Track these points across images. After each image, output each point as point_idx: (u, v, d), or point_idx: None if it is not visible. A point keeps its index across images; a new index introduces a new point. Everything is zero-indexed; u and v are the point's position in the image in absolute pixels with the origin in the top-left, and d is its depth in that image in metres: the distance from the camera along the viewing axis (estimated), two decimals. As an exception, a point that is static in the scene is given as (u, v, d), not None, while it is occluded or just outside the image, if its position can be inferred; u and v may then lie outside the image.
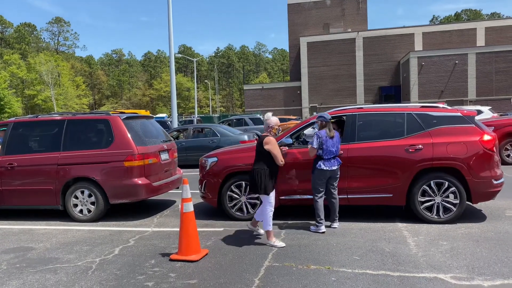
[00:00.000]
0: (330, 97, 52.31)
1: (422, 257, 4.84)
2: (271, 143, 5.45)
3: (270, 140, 5.47)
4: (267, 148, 5.44)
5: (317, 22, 56.85)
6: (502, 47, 43.80)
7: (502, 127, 12.04)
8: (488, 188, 6.10)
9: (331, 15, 56.71)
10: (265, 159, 5.49)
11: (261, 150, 5.52)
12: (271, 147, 5.43)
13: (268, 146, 5.43)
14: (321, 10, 56.88)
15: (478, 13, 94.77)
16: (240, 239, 5.83)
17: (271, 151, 5.43)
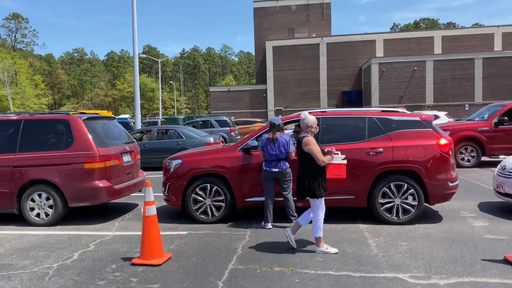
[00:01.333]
0: (295, 100, 52.95)
1: (383, 258, 4.97)
2: (311, 143, 5.14)
3: (309, 140, 5.16)
4: (307, 150, 5.14)
5: (283, 27, 57.43)
6: (457, 55, 45.86)
7: (457, 131, 12.57)
8: (445, 190, 6.35)
9: (296, 20, 57.44)
10: (308, 161, 5.20)
11: (302, 152, 5.24)
12: (312, 148, 5.11)
13: (308, 147, 5.13)
14: (286, 15, 57.50)
15: (436, 22, 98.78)
16: (204, 243, 5.79)
17: (312, 152, 5.11)
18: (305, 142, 5.16)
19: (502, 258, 4.78)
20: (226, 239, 5.92)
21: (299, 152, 5.32)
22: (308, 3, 57.34)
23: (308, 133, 5.27)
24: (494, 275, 4.33)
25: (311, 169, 5.18)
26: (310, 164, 5.18)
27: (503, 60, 44.64)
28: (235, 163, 6.70)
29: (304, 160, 5.22)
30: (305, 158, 5.21)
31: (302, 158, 5.26)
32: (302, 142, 5.18)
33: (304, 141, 5.17)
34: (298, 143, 5.28)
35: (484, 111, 13.96)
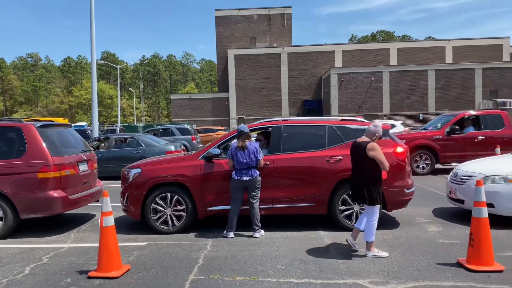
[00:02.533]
0: (257, 109, 53.30)
1: (343, 264, 5.04)
2: (376, 149, 5.15)
3: (375, 145, 5.18)
4: (372, 155, 5.13)
5: (244, 36, 57.84)
6: (412, 67, 47.88)
7: (412, 140, 13.07)
8: (401, 196, 6.56)
9: (258, 30, 58.04)
10: (371, 167, 5.21)
11: (363, 157, 5.21)
12: (376, 153, 5.13)
13: (373, 152, 5.13)
14: (248, 24, 57.98)
15: (391, 35, 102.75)
16: (164, 253, 5.66)
17: (376, 157, 5.12)
18: (370, 147, 5.16)
19: (455, 262, 4.97)
20: (187, 249, 5.81)
21: (358, 158, 5.28)
22: (270, 13, 58.13)
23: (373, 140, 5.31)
24: (448, 278, 4.50)
25: (374, 176, 5.23)
26: (373, 170, 5.22)
27: (454, 72, 47.06)
28: (196, 172, 6.62)
29: (366, 166, 5.22)
30: (367, 164, 5.21)
31: (363, 164, 5.24)
32: (367, 148, 5.17)
33: (369, 146, 5.17)
34: (360, 149, 5.24)
35: (437, 121, 14.61)
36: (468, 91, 46.90)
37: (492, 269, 4.60)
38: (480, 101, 46.67)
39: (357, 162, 5.35)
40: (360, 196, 5.31)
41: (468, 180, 6.92)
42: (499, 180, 6.48)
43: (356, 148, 5.34)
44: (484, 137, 12.80)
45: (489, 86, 46.78)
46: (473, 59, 50.35)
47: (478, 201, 4.77)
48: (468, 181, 6.90)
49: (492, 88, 46.78)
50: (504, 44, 53.79)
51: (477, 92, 46.92)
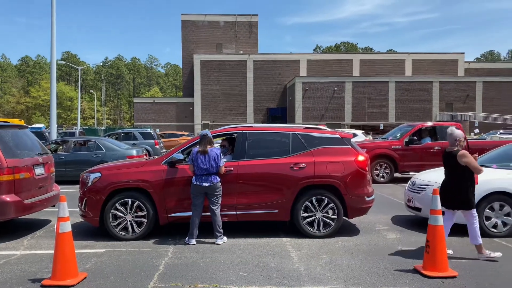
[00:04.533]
0: (222, 115, 53.23)
1: (304, 271, 5.08)
2: (468, 155, 5.37)
3: (466, 153, 5.39)
4: (464, 162, 5.34)
5: (211, 41, 57.78)
6: (373, 78, 49.43)
7: (373, 149, 13.42)
8: (362, 204, 6.70)
9: (224, 36, 58.14)
10: (465, 173, 5.41)
11: (455, 165, 5.42)
12: (469, 160, 5.34)
13: (466, 159, 5.34)
14: (214, 30, 57.98)
15: (354, 47, 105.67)
16: (124, 260, 5.49)
17: (470, 164, 5.33)
18: (462, 155, 5.37)
19: (412, 268, 5.12)
20: (147, 256, 5.68)
21: (451, 165, 5.49)
22: (236, 20, 58.42)
23: (457, 146, 5.51)
24: (405, 284, 4.63)
25: (468, 182, 5.41)
26: (467, 177, 5.42)
27: (413, 84, 48.95)
28: (159, 177, 6.50)
29: (460, 172, 5.41)
30: (461, 171, 5.41)
31: (457, 171, 5.44)
32: (458, 155, 5.38)
33: (460, 154, 5.38)
34: (452, 157, 5.46)
35: (396, 131, 15.10)
36: (426, 103, 48.90)
37: (446, 275, 4.77)
38: (436, 113, 48.75)
39: (450, 169, 5.57)
40: (454, 202, 5.48)
41: (425, 189, 7.17)
42: (454, 189, 6.75)
43: (448, 156, 5.58)
44: (440, 147, 13.32)
45: (445, 99, 48.99)
46: (430, 73, 52.61)
47: (434, 209, 4.95)
48: (425, 189, 7.14)
49: (448, 101, 49.02)
50: (459, 59, 56.59)
51: (434, 104, 49.01)
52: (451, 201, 5.54)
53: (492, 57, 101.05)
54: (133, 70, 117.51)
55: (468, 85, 49.50)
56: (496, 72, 55.80)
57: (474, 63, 61.93)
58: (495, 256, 5.45)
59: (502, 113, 47.43)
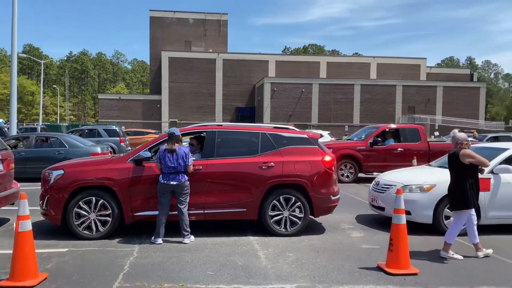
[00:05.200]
0: (191, 113, 52.70)
1: (271, 269, 5.12)
2: (471, 153, 5.46)
3: (468, 151, 5.48)
4: (468, 161, 5.43)
5: (179, 39, 57.11)
6: (339, 80, 50.40)
7: (338, 149, 13.68)
8: (328, 203, 6.82)
9: (194, 34, 57.62)
10: (468, 173, 5.48)
11: (459, 165, 5.51)
12: (474, 156, 5.43)
13: (469, 158, 5.43)
14: (183, 27, 57.35)
15: (322, 49, 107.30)
16: (87, 260, 5.35)
17: (475, 160, 5.42)
18: (464, 154, 5.45)
19: (376, 266, 5.26)
20: (112, 255, 5.55)
21: (454, 167, 5.59)
22: (206, 18, 58.04)
23: (459, 148, 5.58)
24: (369, 281, 4.75)
25: (469, 182, 5.48)
26: (471, 176, 5.50)
27: (377, 87, 50.24)
28: (124, 175, 6.37)
29: (464, 171, 5.49)
30: (464, 170, 5.49)
31: (460, 170, 5.52)
32: (460, 155, 5.47)
33: (462, 153, 5.47)
34: (454, 157, 5.55)
35: (361, 132, 15.46)
36: (389, 106, 50.30)
37: (408, 272, 4.93)
38: (399, 116, 50.24)
39: (453, 169, 5.67)
40: (457, 202, 5.58)
41: (388, 189, 7.38)
42: (416, 189, 6.99)
43: (451, 158, 5.69)
44: (403, 149, 13.76)
45: (408, 102, 50.57)
46: (394, 77, 54.13)
47: (398, 209, 5.11)
48: (389, 189, 7.36)
49: (410, 104, 50.62)
50: (422, 64, 58.56)
51: (397, 107, 50.48)
52: (457, 203, 5.65)
53: (451, 63, 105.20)
54: (98, 65, 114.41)
55: (429, 89, 51.34)
56: (455, 78, 58.08)
57: (435, 69, 64.22)
58: (489, 252, 5.73)
59: (460, 116, 49.49)
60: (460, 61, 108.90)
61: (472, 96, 52.07)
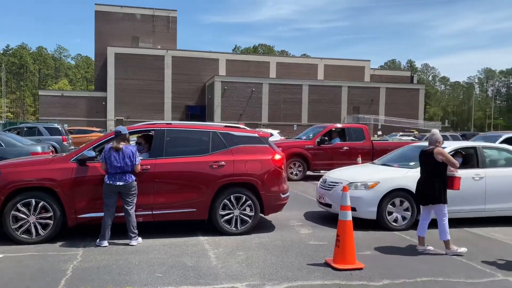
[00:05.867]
0: (138, 111, 51.22)
1: (221, 269, 5.10)
2: (444, 152, 5.81)
3: (442, 150, 5.83)
4: (441, 159, 5.74)
5: (126, 34, 55.35)
6: (288, 81, 51.24)
7: (288, 148, 13.90)
8: (277, 201, 6.91)
9: (141, 30, 56.10)
10: (439, 169, 5.80)
11: (432, 162, 5.81)
12: (446, 155, 5.77)
13: (441, 156, 5.74)
14: (131, 22, 55.67)
15: (272, 49, 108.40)
16: (26, 266, 5.05)
17: (447, 159, 5.74)
18: (438, 152, 5.77)
19: (323, 262, 5.40)
20: (54, 260, 5.28)
21: (427, 163, 5.89)
22: (154, 14, 56.74)
23: (437, 147, 5.85)
24: (317, 277, 4.87)
25: (441, 177, 5.80)
26: (441, 173, 5.81)
27: (325, 88, 51.62)
28: (67, 176, 6.07)
29: (435, 168, 5.82)
30: (436, 166, 5.81)
31: (432, 167, 5.84)
32: (435, 152, 5.77)
33: (436, 150, 5.79)
34: (428, 154, 5.85)
35: (309, 131, 15.83)
36: (336, 106, 51.89)
37: (354, 267, 5.11)
38: (345, 116, 51.94)
39: (426, 166, 5.96)
40: (428, 197, 5.84)
41: (335, 186, 7.60)
42: (361, 186, 7.26)
43: (425, 155, 5.96)
44: (348, 147, 14.24)
45: (353, 103, 52.42)
46: (340, 78, 55.81)
47: (344, 205, 5.27)
48: (335, 187, 7.58)
49: (355, 104, 52.50)
50: (366, 66, 60.85)
51: (343, 107, 52.18)
52: (425, 197, 5.92)
53: (393, 66, 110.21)
54: (39, 60, 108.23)
55: (373, 90, 53.52)
56: (397, 80, 60.92)
57: (379, 70, 66.94)
58: (461, 251, 5.81)
59: (402, 117, 52.02)
60: (401, 63, 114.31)
61: (412, 97, 54.94)
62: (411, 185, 7.15)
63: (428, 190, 5.85)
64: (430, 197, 5.85)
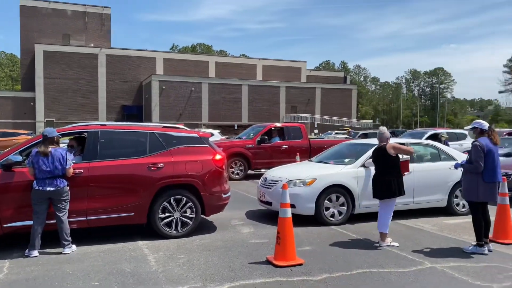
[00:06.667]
0: (71, 112, 48.60)
1: (162, 273, 4.99)
2: (396, 145, 6.08)
3: (393, 143, 6.12)
4: (394, 152, 6.01)
5: (56, 31, 52.29)
6: (228, 80, 51.31)
7: (228, 148, 13.92)
8: (219, 201, 6.88)
9: (72, 27, 53.28)
10: (391, 164, 6.06)
11: (385, 157, 6.06)
12: (398, 146, 6.05)
13: (394, 149, 6.01)
14: (61, 19, 52.67)
15: (210, 49, 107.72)
16: None
17: (400, 150, 6.02)
18: (390, 146, 6.03)
19: (265, 260, 5.47)
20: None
21: (380, 158, 6.15)
22: (86, 11, 54.18)
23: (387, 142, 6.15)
24: (259, 275, 4.91)
25: (396, 170, 6.08)
26: (396, 166, 6.08)
27: (264, 88, 52.34)
28: (-10, 182, 5.61)
29: (389, 163, 6.07)
30: (389, 161, 6.06)
31: (385, 162, 6.10)
32: (387, 147, 6.03)
33: (389, 146, 6.04)
34: (381, 150, 6.10)
35: (250, 131, 15.97)
36: (275, 106, 52.83)
37: (295, 263, 5.23)
38: (283, 115, 53.03)
39: (379, 162, 6.22)
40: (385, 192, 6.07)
41: (275, 184, 7.73)
42: (299, 183, 7.44)
43: (378, 151, 6.23)
44: (287, 146, 14.56)
45: (291, 102, 53.68)
46: (278, 78, 56.88)
47: (284, 203, 5.37)
48: (276, 185, 7.70)
49: (293, 104, 53.81)
50: (302, 67, 62.56)
51: (281, 107, 53.26)
52: (382, 192, 6.13)
53: (328, 67, 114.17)
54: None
55: (309, 90, 55.19)
56: (331, 80, 63.25)
57: (314, 71, 69.07)
58: (394, 245, 6.08)
59: (336, 116, 54.14)
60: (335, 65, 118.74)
61: (346, 97, 57.37)
62: (346, 180, 7.48)
63: (385, 185, 6.08)
64: (388, 192, 6.09)
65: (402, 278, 4.85)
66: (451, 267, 5.22)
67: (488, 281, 4.74)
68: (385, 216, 6.18)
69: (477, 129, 6.02)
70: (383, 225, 6.17)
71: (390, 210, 6.22)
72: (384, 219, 6.17)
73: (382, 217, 6.20)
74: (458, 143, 15.91)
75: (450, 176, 8.09)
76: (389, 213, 6.20)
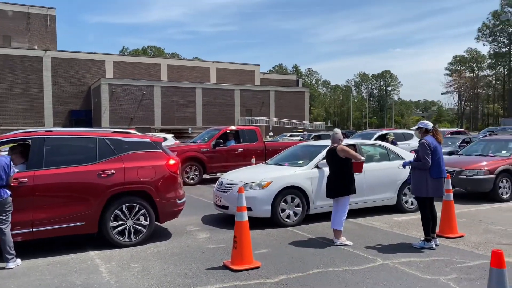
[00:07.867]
0: (13, 118, 45.89)
1: (115, 283, 4.81)
2: (346, 148, 6.27)
3: (344, 147, 6.30)
4: (344, 155, 6.21)
5: (-4, 32, 49.33)
6: (181, 83, 50.64)
7: (183, 152, 13.70)
8: (174, 207, 6.74)
9: (14, 28, 50.45)
10: (343, 165, 6.26)
11: (337, 159, 6.27)
12: (348, 151, 6.24)
13: (344, 152, 6.21)
14: (1, 20, 49.76)
15: (162, 51, 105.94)
16: None
17: (349, 154, 6.21)
18: (341, 149, 6.24)
19: (221, 265, 5.41)
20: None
21: (333, 160, 6.34)
22: (29, 12, 51.54)
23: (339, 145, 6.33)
24: (216, 281, 4.85)
25: (347, 170, 6.26)
26: (346, 166, 6.26)
27: (218, 91, 52.15)
28: None
29: (341, 164, 6.27)
30: (341, 162, 6.26)
31: (337, 163, 6.30)
32: (337, 150, 6.24)
33: (339, 148, 6.25)
34: (332, 151, 6.35)
35: (204, 134, 15.81)
36: (229, 109, 52.77)
37: (252, 267, 5.21)
38: (238, 118, 53.09)
39: (332, 163, 6.42)
40: (337, 190, 6.28)
41: (231, 188, 7.69)
42: (256, 186, 7.45)
43: (330, 153, 6.42)
44: (243, 149, 14.55)
45: (245, 105, 53.85)
46: (232, 81, 56.90)
47: (240, 206, 5.35)
48: (231, 188, 7.67)
49: (248, 107, 54.00)
50: (256, 70, 62.97)
51: (236, 110, 53.28)
52: (334, 191, 6.31)
53: (281, 70, 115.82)
54: None
55: (263, 93, 55.65)
56: (284, 83, 64.13)
57: (268, 74, 69.73)
58: (347, 244, 6.24)
59: (290, 118, 54.93)
60: (288, 68, 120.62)
61: (299, 99, 58.36)
62: (301, 182, 7.59)
63: (337, 184, 6.30)
64: (340, 190, 6.30)
65: (356, 276, 4.98)
66: (401, 263, 5.42)
67: (436, 274, 4.97)
68: (339, 214, 6.34)
69: (422, 129, 6.32)
70: (337, 223, 6.33)
71: (344, 208, 6.40)
72: (338, 217, 6.34)
73: (336, 215, 6.36)
74: (406, 143, 16.64)
75: (399, 175, 8.43)
76: (343, 211, 6.38)
